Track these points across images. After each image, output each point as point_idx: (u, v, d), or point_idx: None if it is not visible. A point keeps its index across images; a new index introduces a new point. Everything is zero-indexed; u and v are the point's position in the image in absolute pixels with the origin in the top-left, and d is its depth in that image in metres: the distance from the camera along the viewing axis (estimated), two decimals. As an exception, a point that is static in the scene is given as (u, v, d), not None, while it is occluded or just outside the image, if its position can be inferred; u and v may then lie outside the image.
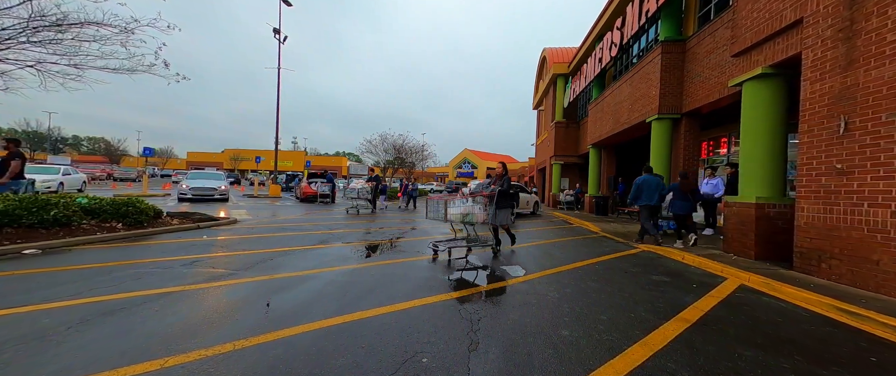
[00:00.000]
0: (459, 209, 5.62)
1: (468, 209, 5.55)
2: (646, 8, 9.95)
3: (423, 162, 36.89)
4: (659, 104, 9.83)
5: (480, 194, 5.74)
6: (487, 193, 5.73)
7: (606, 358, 2.36)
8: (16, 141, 6.72)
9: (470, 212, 5.55)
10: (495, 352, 2.39)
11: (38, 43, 5.99)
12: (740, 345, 2.61)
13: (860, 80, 4.09)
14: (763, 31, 5.56)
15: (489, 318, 3.00)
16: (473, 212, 5.54)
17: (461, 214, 5.60)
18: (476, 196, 5.72)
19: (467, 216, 5.56)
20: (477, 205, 5.60)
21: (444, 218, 5.72)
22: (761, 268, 4.92)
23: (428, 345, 2.45)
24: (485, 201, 5.65)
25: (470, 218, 5.57)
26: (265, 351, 2.31)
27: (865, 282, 3.96)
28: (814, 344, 2.71)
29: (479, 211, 5.57)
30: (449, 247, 5.48)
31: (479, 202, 5.68)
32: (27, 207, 5.69)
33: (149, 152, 23.78)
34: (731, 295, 3.91)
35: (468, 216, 5.56)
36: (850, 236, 4.14)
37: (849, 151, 4.19)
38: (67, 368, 2.04)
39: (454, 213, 5.66)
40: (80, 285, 3.57)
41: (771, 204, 5.53)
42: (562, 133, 20.79)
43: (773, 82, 5.69)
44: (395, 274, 4.43)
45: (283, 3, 20.28)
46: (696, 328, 2.94)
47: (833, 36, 4.44)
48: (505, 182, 6.01)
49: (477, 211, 5.54)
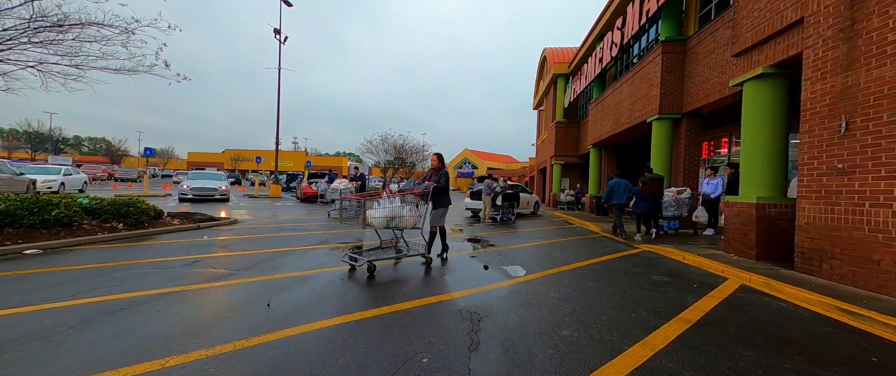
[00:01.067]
0: (382, 211, 4.51)
1: (393, 211, 4.53)
2: (646, 8, 9.94)
3: (424, 162, 36.92)
4: (659, 104, 9.82)
5: (411, 191, 4.86)
6: (420, 190, 4.83)
7: (607, 358, 2.36)
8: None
9: (396, 214, 4.54)
10: (496, 352, 2.39)
11: (40, 43, 6.00)
12: (741, 346, 2.61)
13: (861, 80, 4.08)
14: (764, 31, 5.56)
15: (490, 318, 3.00)
16: (401, 214, 4.58)
17: (384, 218, 4.47)
18: (405, 194, 4.80)
19: (393, 220, 4.52)
20: (406, 206, 4.68)
21: (363, 223, 4.48)
22: (762, 269, 4.91)
23: (428, 345, 2.45)
24: (416, 200, 4.80)
25: (397, 223, 4.56)
26: (266, 352, 2.31)
27: (866, 283, 3.95)
28: (815, 344, 2.71)
29: (408, 212, 4.65)
30: (369, 260, 4.36)
31: (409, 201, 4.77)
32: (28, 207, 5.70)
33: (149, 152, 23.81)
34: (731, 296, 3.91)
35: (394, 220, 4.53)
36: (851, 236, 4.14)
37: (850, 151, 4.18)
38: (68, 368, 2.04)
39: (375, 217, 4.48)
40: (81, 285, 3.57)
41: (772, 204, 5.52)
42: (562, 133, 20.78)
43: (774, 82, 5.68)
44: (396, 274, 4.43)
45: (284, 4, 20.30)
46: (696, 328, 2.93)
47: (834, 36, 4.43)
48: (441, 177, 5.28)
49: (405, 213, 4.62)
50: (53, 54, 6.18)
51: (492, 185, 11.82)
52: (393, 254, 4.80)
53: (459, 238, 7.92)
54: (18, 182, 11.14)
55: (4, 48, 5.85)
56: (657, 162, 10.04)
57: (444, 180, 5.31)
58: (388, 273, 4.47)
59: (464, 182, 60.62)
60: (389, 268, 4.76)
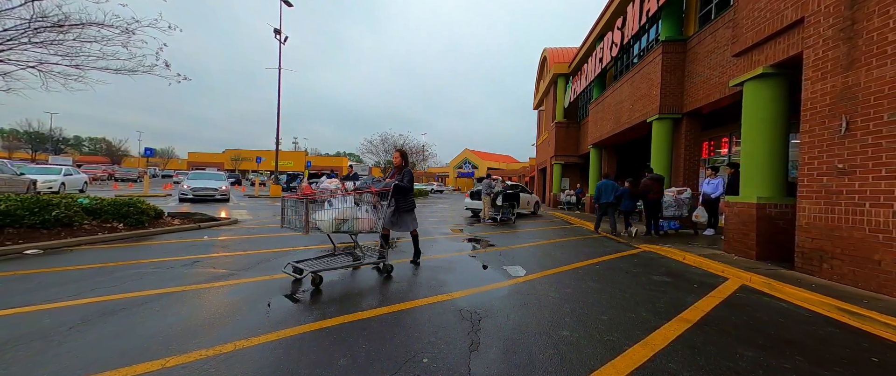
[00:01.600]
0: (332, 213, 3.85)
1: (345, 212, 3.89)
2: (646, 8, 9.94)
3: (424, 162, 36.94)
4: (660, 104, 9.82)
5: (368, 190, 4.26)
6: (379, 189, 4.26)
7: (608, 358, 2.36)
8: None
9: (349, 217, 3.90)
10: (496, 352, 2.39)
11: (40, 44, 6.00)
12: (741, 346, 2.61)
13: (862, 80, 4.08)
14: (764, 31, 5.55)
15: (490, 318, 3.00)
16: (355, 216, 3.94)
17: (333, 221, 3.83)
18: (362, 192, 4.22)
19: (344, 223, 3.89)
20: (362, 207, 4.08)
21: (305, 227, 3.75)
22: (762, 269, 4.91)
23: (429, 345, 2.45)
24: (374, 199, 4.23)
25: (350, 225, 3.93)
26: (266, 351, 2.31)
27: (867, 283, 3.95)
28: (815, 344, 2.71)
29: (365, 214, 4.02)
30: (314, 271, 3.71)
31: (366, 202, 4.19)
32: (29, 208, 5.70)
33: (150, 152, 23.83)
34: (732, 296, 3.91)
35: (346, 223, 3.90)
36: (851, 236, 4.13)
37: (850, 151, 4.18)
38: (68, 368, 2.04)
39: (323, 220, 3.83)
40: (82, 285, 3.57)
41: (772, 204, 5.52)
42: (562, 133, 20.77)
43: (774, 82, 5.67)
44: (396, 273, 4.43)
45: (284, 4, 20.32)
46: (697, 328, 2.93)
47: (834, 35, 4.43)
48: (405, 175, 4.73)
49: (361, 214, 3.99)
50: (54, 54, 6.19)
51: (491, 185, 11.82)
52: (347, 262, 4.24)
53: (459, 238, 7.92)
54: (19, 182, 11.14)
55: (5, 48, 5.85)
56: (657, 162, 10.03)
57: (409, 179, 4.75)
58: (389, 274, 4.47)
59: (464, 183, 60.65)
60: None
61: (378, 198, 4.30)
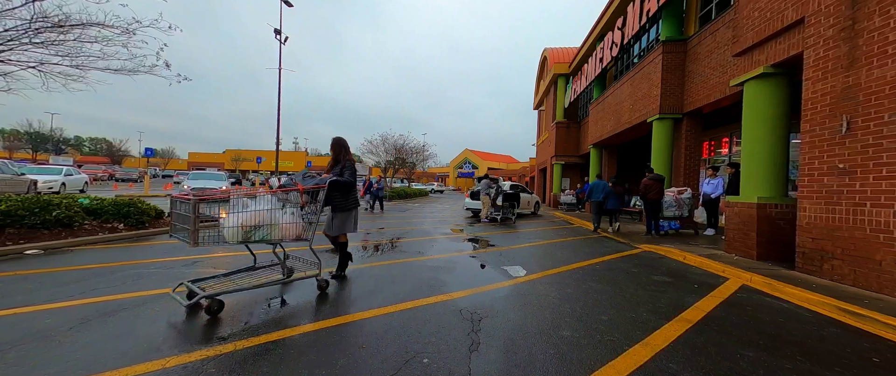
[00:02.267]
0: (240, 218, 3.02)
1: (259, 216, 3.06)
2: (647, 8, 9.94)
3: (424, 162, 36.93)
4: (660, 104, 9.81)
5: (294, 188, 3.43)
6: (309, 187, 3.47)
7: (608, 358, 2.35)
8: None
9: (264, 222, 3.08)
10: (496, 353, 2.39)
11: (41, 44, 6.01)
12: (742, 346, 2.60)
13: (862, 80, 4.07)
14: (764, 31, 5.55)
15: (490, 318, 2.99)
16: (274, 221, 3.13)
17: (238, 228, 3.01)
18: (288, 191, 3.42)
19: (258, 229, 3.07)
20: (288, 210, 3.29)
21: (193, 238, 2.86)
22: (763, 269, 4.90)
23: (429, 346, 2.45)
24: (303, 199, 3.42)
25: (264, 233, 3.09)
26: (266, 352, 2.31)
27: (868, 283, 3.94)
28: (816, 344, 2.70)
29: (289, 219, 3.23)
30: (211, 296, 2.85)
31: (293, 202, 3.41)
32: (29, 208, 5.71)
33: (150, 153, 23.84)
34: (732, 296, 3.90)
35: (260, 229, 3.08)
36: (852, 236, 4.13)
37: (851, 151, 4.17)
38: (70, 369, 2.04)
39: (228, 227, 3.04)
40: (82, 285, 3.57)
41: (773, 204, 5.51)
42: (563, 133, 20.77)
43: (775, 82, 5.67)
44: (396, 274, 4.43)
45: (284, 4, 20.32)
46: (698, 328, 2.93)
47: (835, 35, 4.43)
48: (345, 169, 3.96)
49: (284, 219, 3.21)
50: (54, 55, 6.19)
51: (491, 185, 11.83)
52: (268, 277, 3.45)
53: (460, 238, 7.92)
54: (19, 182, 11.16)
55: (6, 49, 5.86)
56: (658, 162, 10.03)
57: (350, 174, 3.94)
58: (389, 271, 4.46)
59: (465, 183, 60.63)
60: (392, 267, 4.74)
61: (308, 197, 3.48)
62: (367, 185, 15.68)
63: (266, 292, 3.53)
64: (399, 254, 5.72)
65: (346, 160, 4.04)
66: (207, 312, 2.85)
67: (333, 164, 4.08)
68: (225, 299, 3.07)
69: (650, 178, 8.41)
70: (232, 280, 3.40)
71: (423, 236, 7.90)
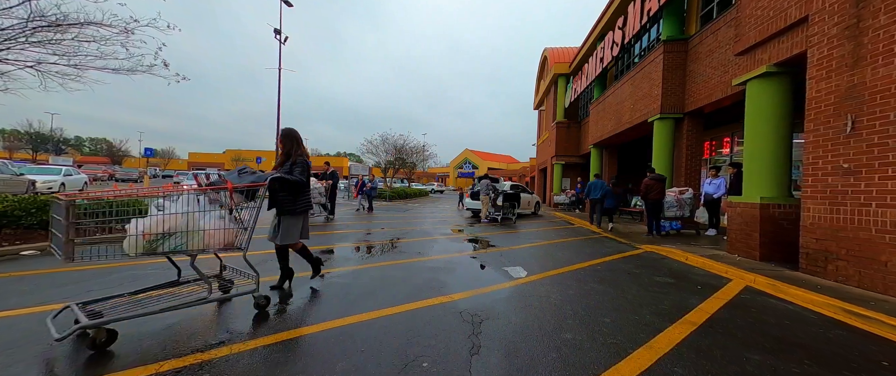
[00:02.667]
0: (142, 224, 2.46)
1: (173, 221, 2.51)
2: (647, 7, 9.89)
3: (424, 162, 36.88)
4: (661, 104, 9.77)
5: (222, 186, 2.80)
6: (244, 185, 2.87)
7: (612, 362, 2.30)
8: None
9: (179, 228, 2.52)
10: (498, 356, 2.34)
11: (38, 43, 5.96)
12: (748, 349, 2.56)
13: (867, 79, 4.02)
14: (767, 29, 5.50)
15: (491, 321, 2.95)
16: (193, 227, 2.56)
17: (141, 238, 2.43)
18: (208, 190, 2.80)
19: (170, 238, 2.51)
20: (213, 213, 2.69)
21: (66, 250, 2.44)
22: (766, 270, 4.85)
23: (429, 349, 2.40)
24: (232, 202, 2.78)
25: (178, 242, 2.51)
26: (263, 356, 2.27)
27: (873, 284, 3.90)
28: (823, 347, 2.65)
29: (214, 224, 2.65)
30: (97, 325, 2.23)
31: (222, 203, 2.79)
32: (26, 208, 5.66)
33: (150, 153, 23.82)
34: (736, 297, 3.85)
35: (173, 238, 2.51)
36: (857, 237, 4.08)
37: (856, 151, 4.13)
38: (64, 372, 2.00)
39: (132, 235, 2.45)
40: (79, 286, 3.53)
41: (776, 204, 5.46)
42: (563, 133, 20.72)
43: (778, 81, 5.62)
44: (395, 275, 4.38)
45: (284, 4, 20.29)
46: (702, 331, 2.88)
47: (839, 33, 4.38)
48: (296, 165, 3.41)
49: (210, 224, 2.64)
50: (52, 54, 6.15)
51: (491, 185, 11.78)
52: (188, 300, 2.68)
53: (460, 238, 7.87)
54: (18, 182, 11.12)
55: (3, 48, 5.82)
56: (659, 162, 9.98)
57: (302, 170, 3.43)
58: (388, 273, 4.41)
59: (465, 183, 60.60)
60: (390, 269, 4.69)
61: (242, 197, 2.87)
62: (360, 186, 15.25)
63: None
64: (399, 255, 5.68)
65: (298, 155, 3.54)
66: (91, 347, 2.20)
67: (284, 160, 3.58)
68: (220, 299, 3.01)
69: (651, 178, 8.36)
70: (141, 301, 2.71)
71: (423, 236, 7.85)
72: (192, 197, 2.71)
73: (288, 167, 3.47)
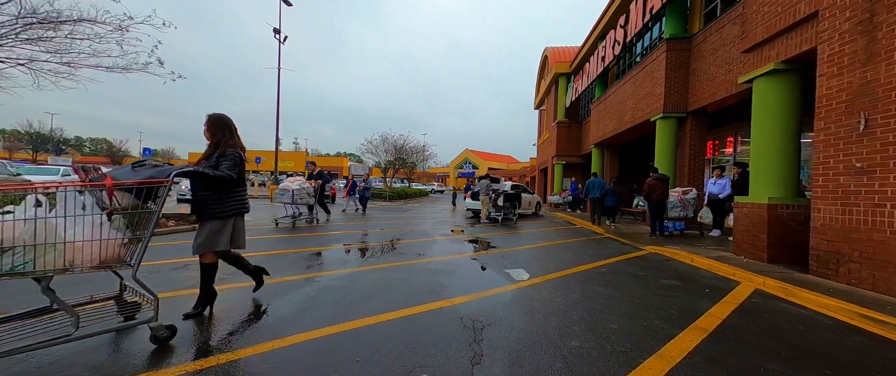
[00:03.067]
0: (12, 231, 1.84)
1: (15, 231, 1.86)
2: (650, 5, 9.76)
3: (425, 162, 36.75)
4: (664, 103, 9.64)
5: (101, 183, 2.10)
6: (132, 182, 2.18)
7: (622, 372, 2.18)
8: None
9: (28, 241, 1.88)
10: (501, 365, 2.21)
11: (28, 40, 5.84)
12: (764, 358, 2.43)
13: (882, 76, 3.90)
14: (775, 26, 5.37)
15: (493, 327, 2.82)
16: (51, 238, 1.93)
17: None
18: (92, 186, 2.10)
19: (5, 254, 1.85)
20: (82, 220, 2.02)
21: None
22: (775, 272, 4.72)
23: (428, 358, 2.28)
24: (110, 205, 2.13)
25: (17, 259, 1.88)
26: (261, 362, 2.14)
27: (888, 288, 3.77)
28: (842, 355, 2.53)
29: (87, 234, 2.01)
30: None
31: (95, 207, 2.09)
32: (17, 209, 5.53)
33: (149, 153, 23.71)
34: (746, 301, 3.72)
35: (9, 254, 1.86)
36: (871, 238, 3.95)
37: (869, 149, 4.00)
38: None
39: None
40: (77, 288, 3.40)
41: (784, 204, 5.33)
42: (564, 133, 20.58)
43: (786, 78, 5.49)
44: (394, 278, 4.26)
45: (284, 3, 20.18)
46: (714, 337, 2.75)
47: (851, 29, 4.25)
48: (226, 157, 2.83)
49: (80, 233, 2.01)
50: (43, 52, 6.03)
51: (490, 185, 11.66)
52: (54, 337, 2.00)
53: (460, 239, 7.74)
54: (14, 183, 11.00)
55: (-5, 46, 5.70)
56: (661, 161, 9.85)
57: (231, 165, 2.81)
58: (387, 275, 4.29)
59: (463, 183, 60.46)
60: (388, 271, 4.57)
61: (132, 197, 2.21)
62: (351, 185, 14.44)
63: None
64: (398, 256, 5.55)
65: (227, 146, 2.89)
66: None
67: (210, 151, 2.93)
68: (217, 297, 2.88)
69: (654, 178, 8.24)
70: None
71: (422, 237, 7.73)
72: (62, 196, 2.01)
73: (214, 160, 2.85)
